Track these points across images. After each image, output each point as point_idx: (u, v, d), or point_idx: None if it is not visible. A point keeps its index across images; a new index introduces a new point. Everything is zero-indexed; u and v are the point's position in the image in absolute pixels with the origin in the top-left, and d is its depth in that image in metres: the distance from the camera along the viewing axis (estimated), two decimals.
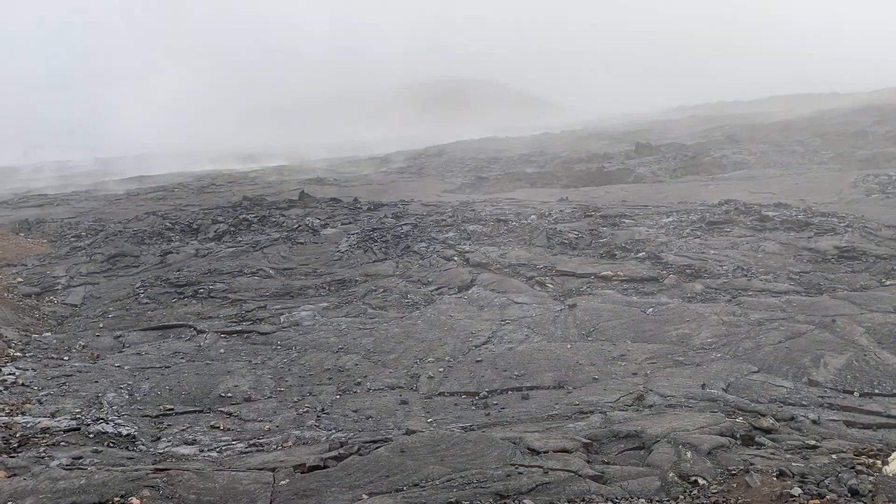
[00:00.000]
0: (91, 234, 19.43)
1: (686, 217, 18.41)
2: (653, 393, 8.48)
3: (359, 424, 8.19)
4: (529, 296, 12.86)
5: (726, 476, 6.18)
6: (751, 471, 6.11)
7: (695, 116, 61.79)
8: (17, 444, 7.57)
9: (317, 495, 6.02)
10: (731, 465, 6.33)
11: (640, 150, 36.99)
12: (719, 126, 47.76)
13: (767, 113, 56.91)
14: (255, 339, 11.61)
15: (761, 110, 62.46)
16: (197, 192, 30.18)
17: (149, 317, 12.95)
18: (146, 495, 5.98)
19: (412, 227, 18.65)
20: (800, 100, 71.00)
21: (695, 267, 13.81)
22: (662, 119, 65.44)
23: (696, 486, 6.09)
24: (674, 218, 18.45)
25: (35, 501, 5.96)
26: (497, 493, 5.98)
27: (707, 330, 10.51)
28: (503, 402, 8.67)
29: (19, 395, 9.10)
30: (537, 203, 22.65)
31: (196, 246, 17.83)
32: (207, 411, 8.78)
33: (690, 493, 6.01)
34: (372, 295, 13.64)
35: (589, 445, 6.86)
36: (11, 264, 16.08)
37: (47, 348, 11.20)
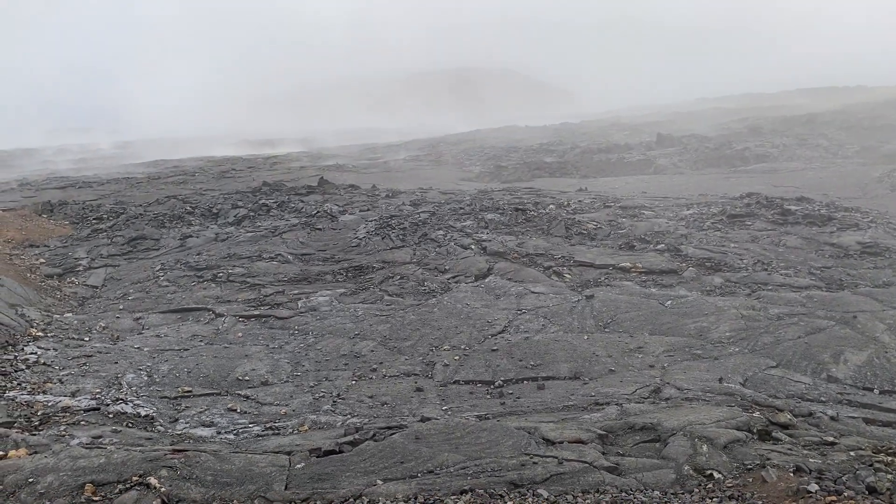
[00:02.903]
0: (112, 217, 19.62)
1: (707, 209, 18.26)
2: (669, 386, 8.44)
3: (374, 410, 8.22)
4: (546, 286, 12.82)
5: (742, 470, 6.14)
6: (767, 466, 6.07)
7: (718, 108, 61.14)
8: (39, 423, 7.69)
9: (332, 479, 6.06)
10: (747, 459, 6.28)
11: (662, 142, 36.68)
12: (742, 118, 47.22)
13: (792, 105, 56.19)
14: (273, 323, 11.68)
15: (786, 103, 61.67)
16: (217, 177, 30.36)
17: (168, 299, 13.07)
18: (164, 475, 6.05)
19: (430, 214, 18.65)
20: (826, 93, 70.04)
21: (715, 260, 13.69)
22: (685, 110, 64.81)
23: (711, 479, 6.06)
24: (694, 210, 18.30)
25: (55, 479, 6.05)
26: (511, 483, 5.98)
27: (726, 323, 10.43)
28: (518, 391, 8.67)
29: (41, 375, 9.23)
30: (556, 193, 22.55)
31: (216, 230, 17.95)
32: (225, 394, 8.86)
33: (705, 486, 5.98)
34: (389, 282, 13.66)
35: (604, 437, 6.84)
36: (34, 245, 16.28)
37: (68, 329, 11.34)
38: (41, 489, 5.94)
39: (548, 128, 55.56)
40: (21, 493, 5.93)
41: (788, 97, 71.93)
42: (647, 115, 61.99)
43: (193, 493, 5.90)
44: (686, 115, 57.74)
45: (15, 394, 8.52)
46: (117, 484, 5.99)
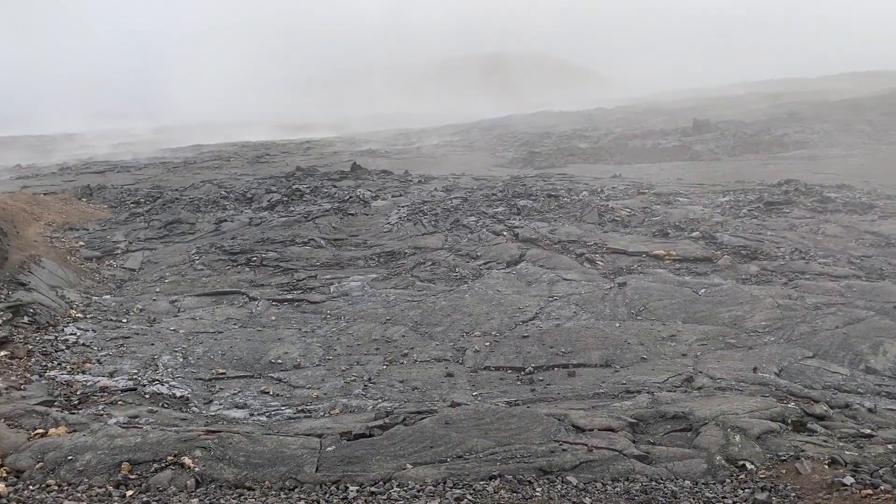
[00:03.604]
0: (149, 201, 19.94)
1: (743, 197, 17.94)
2: (702, 375, 8.34)
3: (404, 395, 8.27)
4: (579, 273, 12.74)
5: (775, 462, 6.06)
6: (801, 457, 5.98)
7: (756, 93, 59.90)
8: (78, 402, 7.89)
9: (362, 462, 6.12)
10: (780, 450, 6.19)
11: (698, 127, 36.08)
12: (782, 103, 46.21)
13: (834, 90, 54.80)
14: (306, 307, 11.80)
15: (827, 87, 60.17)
16: (252, 162, 30.67)
17: (203, 283, 13.27)
18: (198, 456, 6.17)
19: (462, 200, 18.62)
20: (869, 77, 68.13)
21: (751, 248, 13.46)
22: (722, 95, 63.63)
23: (743, 470, 5.99)
24: (730, 197, 18.00)
25: (93, 457, 6.21)
26: (540, 469, 5.98)
27: (761, 313, 10.26)
28: (549, 378, 8.65)
29: (80, 355, 9.46)
30: (589, 179, 22.34)
31: (250, 215, 18.15)
32: (258, 377, 8.99)
33: (737, 477, 5.91)
34: (420, 267, 13.70)
35: (635, 425, 6.79)
36: (74, 228, 16.64)
37: (106, 310, 11.58)
38: (80, 467, 6.11)
39: (582, 113, 55.00)
40: (60, 469, 6.10)
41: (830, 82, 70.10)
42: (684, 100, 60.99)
43: (226, 474, 6.02)
44: (724, 100, 56.68)
45: (55, 373, 8.75)
46: (153, 463, 6.13)
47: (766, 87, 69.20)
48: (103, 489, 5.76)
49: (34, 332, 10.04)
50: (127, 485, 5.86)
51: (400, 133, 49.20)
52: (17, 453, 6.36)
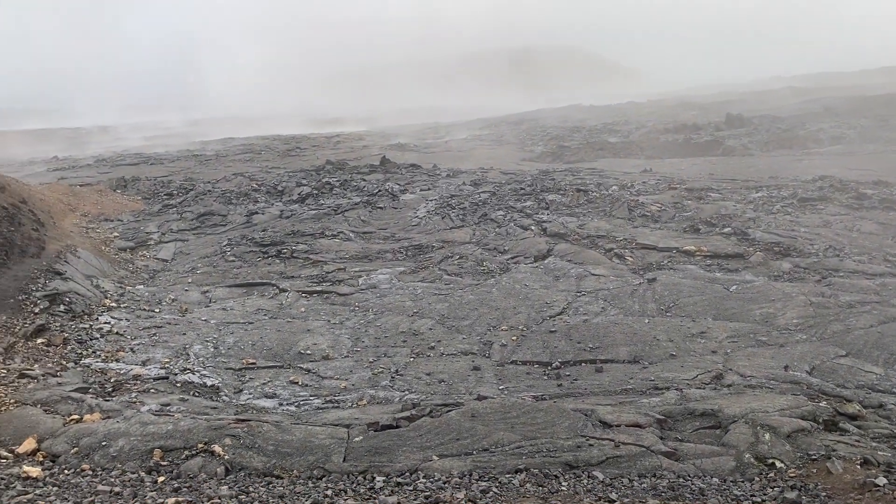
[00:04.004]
0: (182, 193, 20.23)
1: (777, 192, 17.67)
2: (732, 372, 8.25)
3: (431, 387, 8.31)
4: (607, 268, 12.66)
5: (806, 461, 5.98)
6: (833, 457, 5.89)
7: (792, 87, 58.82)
8: (112, 389, 8.06)
9: (388, 453, 6.17)
10: (811, 449, 6.12)
11: (731, 122, 35.56)
12: (817, 98, 45.32)
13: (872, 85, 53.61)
14: (334, 299, 11.89)
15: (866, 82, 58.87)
16: (282, 155, 30.92)
17: (234, 274, 13.44)
18: (228, 444, 6.27)
19: (490, 194, 18.60)
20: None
21: (784, 245, 13.26)
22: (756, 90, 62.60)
23: (773, 468, 5.93)
24: (763, 193, 17.73)
25: (126, 443, 6.34)
26: (566, 464, 5.98)
27: (793, 310, 10.11)
28: (576, 373, 8.62)
29: (114, 344, 9.65)
30: (619, 174, 22.16)
31: (280, 207, 18.32)
32: (287, 367, 9.09)
33: (767, 475, 5.85)
34: (448, 261, 13.72)
35: (663, 422, 6.75)
36: (109, 219, 16.94)
37: (140, 300, 11.79)
38: (113, 452, 6.24)
39: (612, 107, 54.51)
40: (95, 455, 6.24)
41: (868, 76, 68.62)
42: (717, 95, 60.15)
43: (255, 462, 6.10)
44: (757, 94, 55.77)
45: (90, 361, 8.94)
46: (184, 450, 6.25)
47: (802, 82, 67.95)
48: (136, 475, 5.89)
49: (70, 320, 10.26)
50: (159, 471, 5.98)
51: (429, 127, 49.22)
52: (52, 438, 6.52)
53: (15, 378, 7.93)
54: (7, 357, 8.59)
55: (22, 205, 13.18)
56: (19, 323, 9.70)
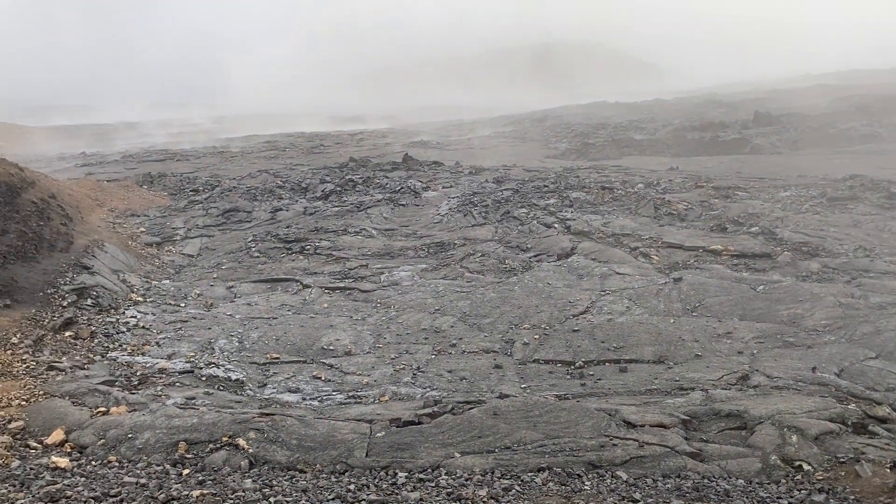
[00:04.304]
0: (208, 189, 20.42)
1: (805, 191, 17.41)
2: (758, 373, 8.14)
3: (453, 385, 8.29)
4: (632, 267, 12.56)
5: (834, 463, 5.88)
6: (862, 460, 5.79)
7: (822, 85, 57.89)
8: (138, 382, 8.15)
9: (411, 449, 6.17)
10: (839, 452, 6.01)
11: (759, 120, 35.10)
12: (849, 96, 44.56)
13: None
14: (357, 296, 11.93)
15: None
16: (306, 152, 31.09)
17: (259, 270, 13.53)
18: (252, 437, 6.31)
19: (513, 192, 18.54)
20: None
21: (812, 244, 13.06)
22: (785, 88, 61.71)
23: (800, 471, 5.84)
24: (792, 192, 17.48)
25: (152, 436, 6.41)
26: (590, 463, 5.94)
27: (822, 311, 9.95)
28: (599, 373, 8.56)
29: (140, 337, 9.77)
30: (645, 171, 21.98)
31: (304, 204, 18.42)
32: (310, 362, 9.13)
33: (793, 477, 5.76)
34: (470, 259, 13.69)
35: (688, 422, 6.68)
36: (135, 214, 17.14)
37: (166, 295, 11.92)
38: (139, 445, 6.31)
39: (638, 104, 54.05)
40: (121, 447, 6.31)
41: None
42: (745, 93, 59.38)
43: (279, 456, 6.14)
44: (786, 92, 54.95)
45: (117, 354, 9.05)
46: (208, 443, 6.30)
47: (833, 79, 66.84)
48: (161, 467, 5.94)
49: (97, 314, 10.40)
50: (183, 463, 6.03)
51: (452, 124, 49.18)
52: (80, 430, 6.60)
53: (44, 370, 8.05)
54: (36, 349, 8.73)
55: (51, 200, 13.38)
56: (48, 316, 9.85)
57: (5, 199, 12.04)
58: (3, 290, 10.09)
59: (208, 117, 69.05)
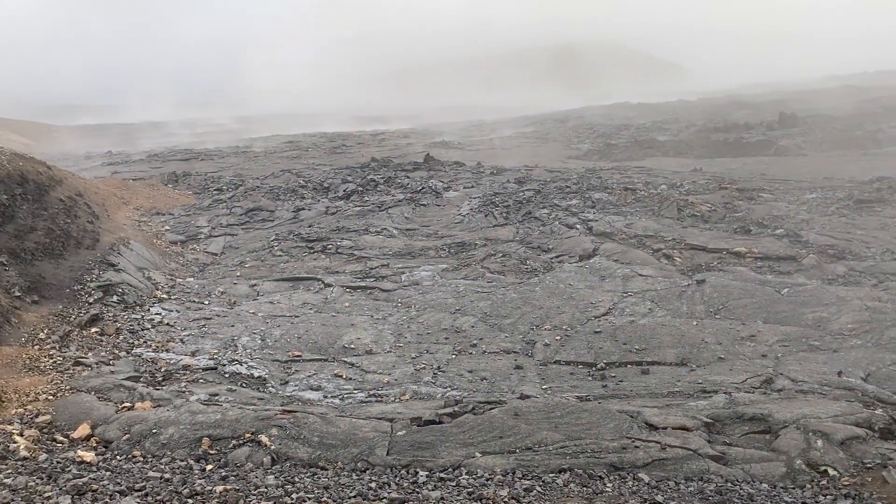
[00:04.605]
0: (231, 189, 20.58)
1: (831, 194, 17.17)
2: (783, 377, 8.05)
3: (473, 385, 8.30)
4: (655, 268, 12.47)
5: (860, 469, 5.81)
6: (889, 466, 5.71)
7: (849, 87, 57.04)
8: (162, 378, 8.25)
9: (431, 448, 6.18)
10: (866, 458, 5.93)
11: (784, 121, 34.68)
12: (876, 97, 43.87)
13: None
14: (378, 295, 11.97)
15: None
16: (329, 153, 31.22)
17: (281, 268, 13.63)
18: (274, 434, 6.36)
19: (535, 192, 18.48)
20: None
21: (838, 247, 12.88)
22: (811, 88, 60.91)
23: (825, 476, 5.77)
24: (817, 194, 17.26)
25: (176, 431, 6.48)
26: (611, 465, 5.91)
27: (848, 315, 9.82)
28: (621, 374, 8.52)
29: (164, 334, 9.88)
30: (668, 173, 21.81)
31: (326, 204, 18.52)
32: (331, 360, 9.18)
33: (819, 482, 5.70)
34: (491, 259, 13.68)
35: (710, 425, 6.62)
36: (160, 213, 17.34)
37: (190, 292, 12.04)
38: (163, 440, 6.39)
39: (661, 105, 53.63)
40: (145, 442, 6.39)
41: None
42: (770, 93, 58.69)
43: (301, 453, 6.18)
44: (812, 93, 54.24)
45: (141, 350, 9.17)
46: (231, 439, 6.36)
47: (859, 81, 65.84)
48: (185, 462, 6.01)
49: (122, 310, 10.54)
50: (207, 459, 6.10)
51: (473, 124, 49.13)
52: (105, 425, 6.70)
53: (70, 366, 8.18)
54: (63, 345, 8.87)
55: (78, 198, 13.57)
56: (74, 312, 10.00)
57: (34, 197, 12.24)
58: (31, 287, 10.27)
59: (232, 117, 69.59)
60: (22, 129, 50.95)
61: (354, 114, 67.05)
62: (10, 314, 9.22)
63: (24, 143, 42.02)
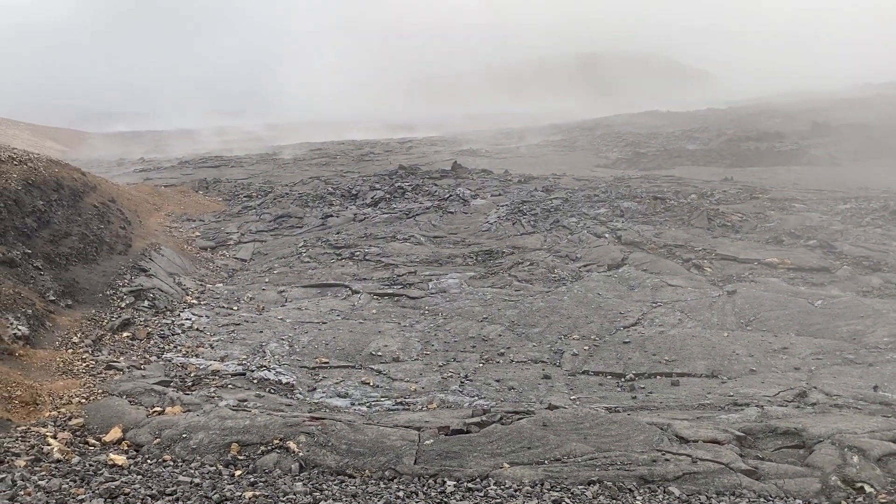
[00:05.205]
0: (261, 195, 20.79)
1: (866, 204, 16.86)
2: (817, 390, 7.90)
3: (501, 394, 8.26)
4: (685, 279, 12.33)
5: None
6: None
7: (883, 95, 56.04)
8: (191, 384, 8.32)
9: (459, 458, 6.15)
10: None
11: (817, 130, 34.16)
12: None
13: None
14: (405, 302, 11.98)
15: None
16: (357, 160, 31.40)
17: (309, 275, 13.71)
18: (302, 441, 6.38)
19: (563, 201, 18.41)
20: None
21: (873, 259, 12.63)
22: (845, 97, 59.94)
23: (861, 492, 5.63)
24: (852, 205, 16.95)
25: (206, 436, 6.53)
26: (641, 478, 5.83)
27: (884, 328, 9.61)
28: (651, 386, 8.42)
29: (194, 339, 9.98)
30: (699, 182, 21.59)
31: (354, 211, 18.62)
32: (359, 367, 9.20)
33: (855, 499, 5.57)
34: (518, 267, 13.63)
35: (743, 439, 6.51)
36: (191, 219, 17.56)
37: (219, 298, 12.16)
38: (193, 445, 6.44)
39: (692, 114, 53.16)
40: (175, 446, 6.45)
41: None
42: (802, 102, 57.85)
43: (328, 460, 6.19)
44: (846, 102, 53.36)
45: (172, 355, 9.27)
46: (259, 445, 6.39)
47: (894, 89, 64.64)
48: (214, 468, 6.05)
49: (153, 315, 10.67)
50: (236, 465, 6.13)
51: (500, 132, 49.10)
52: (136, 428, 6.77)
53: (102, 369, 8.29)
54: (95, 349, 9.00)
55: (111, 203, 13.80)
56: (107, 317, 10.14)
57: (69, 203, 12.47)
58: (65, 291, 10.44)
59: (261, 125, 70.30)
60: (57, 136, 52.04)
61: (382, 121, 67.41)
62: (45, 318, 9.39)
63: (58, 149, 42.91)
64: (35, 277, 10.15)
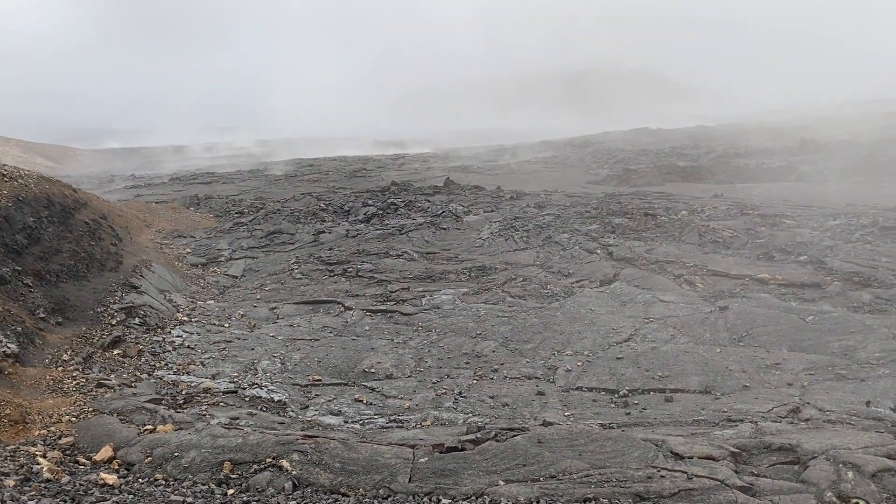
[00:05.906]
0: (252, 212, 20.75)
1: (856, 220, 16.98)
2: (810, 406, 7.91)
3: (495, 411, 8.23)
4: (677, 294, 12.36)
5: (893, 502, 5.65)
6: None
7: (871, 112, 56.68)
8: (183, 401, 8.25)
9: (454, 476, 6.11)
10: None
11: (806, 147, 34.50)
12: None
13: None
14: (398, 318, 11.95)
15: None
16: (349, 176, 31.44)
17: (301, 291, 13.66)
18: (295, 459, 6.32)
19: (554, 217, 18.46)
20: None
21: (863, 274, 12.70)
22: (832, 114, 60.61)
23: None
24: (841, 220, 17.07)
25: (198, 454, 6.46)
26: (637, 495, 5.80)
27: (875, 343, 9.65)
28: (644, 402, 8.41)
29: (185, 357, 9.91)
30: (689, 198, 21.72)
31: (347, 227, 18.60)
32: (352, 385, 9.15)
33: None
34: (511, 283, 13.64)
35: (737, 455, 6.50)
36: (182, 235, 17.49)
37: (210, 315, 12.09)
38: (185, 463, 6.37)
39: (681, 130, 53.63)
40: (167, 465, 6.38)
41: None
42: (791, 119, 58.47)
43: (322, 479, 6.13)
44: (834, 118, 53.96)
45: (163, 373, 9.19)
46: (252, 464, 6.33)
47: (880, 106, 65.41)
48: (206, 486, 5.99)
49: (144, 332, 10.59)
50: (228, 483, 6.07)
51: (492, 149, 49.33)
52: (128, 447, 6.70)
53: (93, 387, 8.21)
54: (86, 367, 8.91)
55: (102, 220, 13.73)
56: (97, 334, 10.06)
57: (59, 220, 12.40)
58: (55, 308, 10.36)
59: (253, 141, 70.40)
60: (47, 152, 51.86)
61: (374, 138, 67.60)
62: (35, 335, 9.30)
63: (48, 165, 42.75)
64: (25, 294, 10.08)
